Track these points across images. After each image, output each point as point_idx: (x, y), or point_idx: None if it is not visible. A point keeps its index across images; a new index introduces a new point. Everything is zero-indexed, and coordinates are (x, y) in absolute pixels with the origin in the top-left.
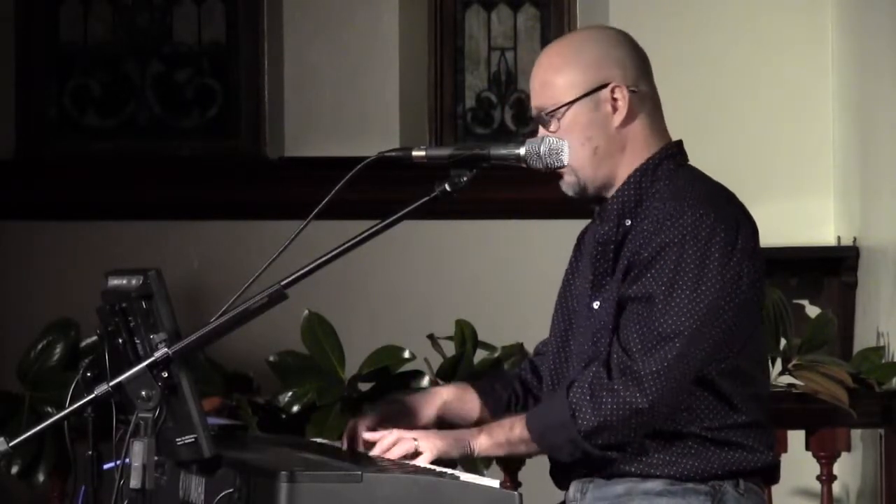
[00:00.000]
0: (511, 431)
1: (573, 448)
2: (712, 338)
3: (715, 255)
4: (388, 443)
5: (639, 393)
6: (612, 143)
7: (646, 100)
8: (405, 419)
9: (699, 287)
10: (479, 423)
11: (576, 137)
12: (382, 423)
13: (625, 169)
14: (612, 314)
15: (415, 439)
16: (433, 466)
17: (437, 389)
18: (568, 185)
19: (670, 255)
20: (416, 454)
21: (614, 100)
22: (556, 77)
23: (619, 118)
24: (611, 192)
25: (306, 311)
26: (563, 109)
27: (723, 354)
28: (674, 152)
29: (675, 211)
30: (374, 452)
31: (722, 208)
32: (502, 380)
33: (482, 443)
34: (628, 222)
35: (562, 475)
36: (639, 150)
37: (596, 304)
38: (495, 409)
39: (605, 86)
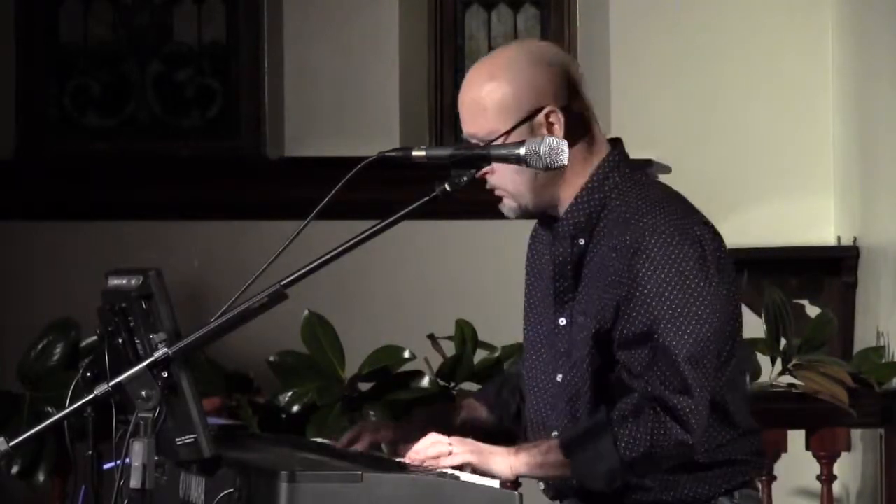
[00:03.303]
0: (546, 455)
1: (611, 478)
2: (716, 355)
3: (693, 278)
4: (425, 445)
5: (679, 426)
6: (553, 172)
7: (581, 116)
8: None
9: (699, 312)
10: (489, 434)
11: (513, 166)
12: (397, 442)
13: (569, 189)
14: (582, 335)
15: (450, 444)
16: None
17: (451, 411)
18: (508, 209)
19: (650, 293)
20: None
21: (550, 124)
22: (486, 103)
23: None
24: (558, 211)
25: (306, 311)
26: (500, 140)
27: (721, 362)
28: (617, 161)
29: (638, 243)
30: (409, 456)
31: (681, 224)
32: (509, 385)
33: (515, 464)
34: (582, 241)
35: (554, 492)
36: (580, 169)
37: (562, 321)
38: (503, 419)
39: (539, 110)
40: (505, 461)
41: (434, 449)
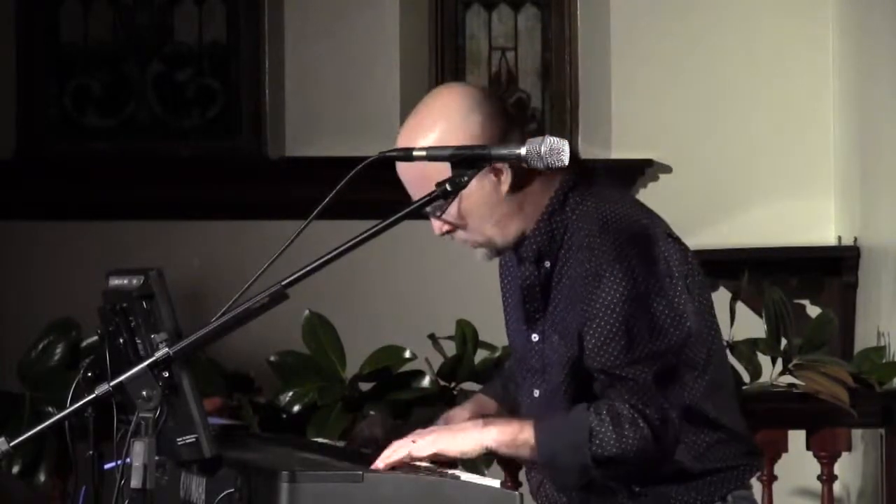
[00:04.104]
0: (519, 435)
1: (581, 474)
2: (687, 364)
3: (660, 298)
4: (385, 456)
5: (653, 434)
6: (511, 206)
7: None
8: None
9: (667, 328)
10: None
11: (474, 219)
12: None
13: (532, 219)
14: (556, 356)
15: (413, 441)
16: (434, 466)
17: (459, 414)
18: (483, 254)
19: (619, 317)
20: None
21: (497, 170)
22: (427, 167)
23: (506, 185)
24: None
25: (307, 311)
26: (450, 200)
27: (698, 370)
28: (575, 180)
29: (603, 269)
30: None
31: (644, 242)
32: (512, 378)
33: (485, 439)
34: (547, 264)
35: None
36: (539, 198)
37: (534, 337)
38: (514, 411)
39: None
40: (473, 437)
41: (397, 455)
